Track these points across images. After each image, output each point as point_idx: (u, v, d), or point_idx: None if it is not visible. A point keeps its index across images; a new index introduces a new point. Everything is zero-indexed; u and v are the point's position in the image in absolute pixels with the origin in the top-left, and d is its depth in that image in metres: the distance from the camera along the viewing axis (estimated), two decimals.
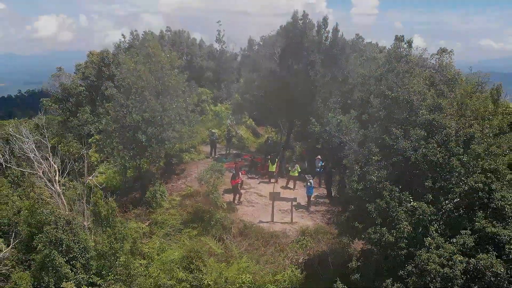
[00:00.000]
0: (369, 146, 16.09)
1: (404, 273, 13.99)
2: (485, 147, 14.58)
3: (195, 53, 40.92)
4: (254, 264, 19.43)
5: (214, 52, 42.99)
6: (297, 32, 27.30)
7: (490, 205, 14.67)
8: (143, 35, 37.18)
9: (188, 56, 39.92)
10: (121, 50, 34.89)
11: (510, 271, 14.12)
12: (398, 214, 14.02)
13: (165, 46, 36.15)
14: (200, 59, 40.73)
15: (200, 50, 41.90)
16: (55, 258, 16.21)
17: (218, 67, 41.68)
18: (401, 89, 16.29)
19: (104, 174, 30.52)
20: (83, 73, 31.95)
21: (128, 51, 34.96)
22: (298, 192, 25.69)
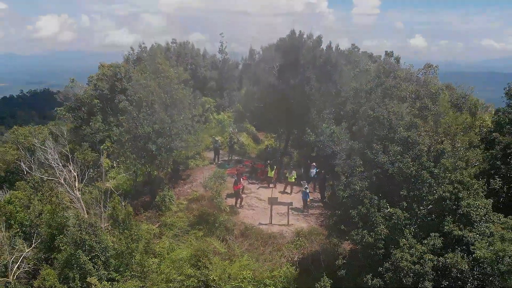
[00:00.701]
0: (354, 158, 18.42)
1: (382, 269, 16.29)
2: (453, 161, 16.90)
3: (199, 64, 43.31)
4: (254, 262, 21.71)
5: (217, 62, 45.47)
6: (294, 50, 29.67)
7: (457, 211, 17.00)
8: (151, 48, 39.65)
9: (192, 66, 42.33)
10: (130, 62, 37.41)
11: (475, 268, 16.50)
12: (376, 219, 16.34)
13: (171, 57, 38.61)
14: (204, 69, 43.16)
15: (203, 60, 44.34)
16: (80, 257, 18.53)
17: (221, 76, 44.10)
18: (382, 109, 18.61)
19: (115, 179, 32.91)
20: (95, 84, 34.34)
21: (137, 64, 37.50)
22: (294, 197, 28.01)
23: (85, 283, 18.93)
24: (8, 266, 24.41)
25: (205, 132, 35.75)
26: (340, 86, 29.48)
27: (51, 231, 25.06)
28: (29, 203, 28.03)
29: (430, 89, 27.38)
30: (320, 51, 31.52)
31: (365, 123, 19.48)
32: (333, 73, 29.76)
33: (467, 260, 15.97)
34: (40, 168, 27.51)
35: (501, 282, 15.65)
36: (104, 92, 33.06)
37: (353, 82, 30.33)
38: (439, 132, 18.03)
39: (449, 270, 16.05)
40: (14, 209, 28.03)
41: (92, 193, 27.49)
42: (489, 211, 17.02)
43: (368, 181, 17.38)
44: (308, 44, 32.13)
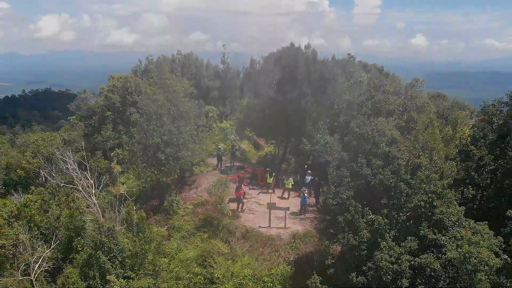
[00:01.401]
0: (342, 170, 20.83)
1: (365, 268, 18.65)
2: (428, 174, 19.29)
3: (203, 74, 45.71)
4: (254, 261, 24.05)
5: (219, 72, 47.85)
6: (291, 66, 32.02)
7: (432, 218, 19.39)
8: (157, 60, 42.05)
9: (196, 76, 44.66)
10: (138, 74, 39.83)
11: (448, 268, 18.88)
12: (360, 224, 18.71)
13: (176, 68, 41.04)
14: (207, 79, 45.60)
15: (207, 70, 46.74)
16: (100, 257, 20.96)
17: (223, 85, 46.51)
18: (367, 127, 21.00)
19: (125, 184, 35.32)
20: (106, 95, 36.78)
21: (145, 75, 39.97)
22: (291, 201, 30.39)
23: (104, 281, 21.39)
24: (30, 265, 26.92)
25: (208, 139, 38.26)
26: (333, 99, 31.85)
27: (69, 233, 27.55)
28: (47, 207, 30.55)
29: (416, 103, 29.88)
30: (316, 65, 33.85)
31: (352, 138, 21.88)
32: (328, 86, 32.06)
33: (440, 260, 18.40)
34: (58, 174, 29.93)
35: (468, 280, 18.05)
36: (116, 105, 35.51)
37: (346, 94, 32.74)
38: (417, 148, 20.38)
39: (423, 269, 18.40)
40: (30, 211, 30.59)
41: (106, 198, 30.00)
42: (460, 217, 19.38)
43: (353, 190, 19.78)
44: (306, 55, 34.50)
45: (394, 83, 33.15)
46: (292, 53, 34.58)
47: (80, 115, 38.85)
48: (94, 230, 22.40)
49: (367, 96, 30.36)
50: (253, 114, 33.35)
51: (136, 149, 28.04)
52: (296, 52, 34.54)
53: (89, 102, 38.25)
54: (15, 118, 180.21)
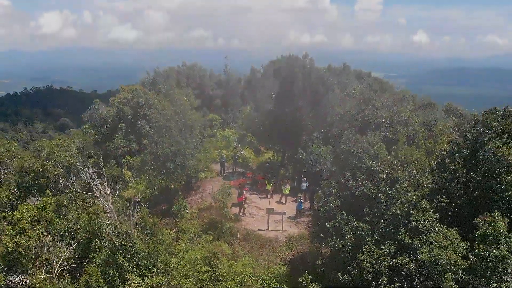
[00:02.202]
0: (331, 181, 23.84)
1: (350, 268, 21.66)
2: (405, 186, 22.27)
3: (206, 84, 48.70)
4: (254, 261, 26.91)
5: (222, 81, 50.80)
6: (288, 81, 34.97)
7: (409, 224, 22.38)
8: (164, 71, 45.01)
9: (200, 86, 47.61)
10: (147, 85, 42.80)
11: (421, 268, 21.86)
12: (345, 230, 21.68)
13: (181, 79, 44.02)
14: (210, 88, 48.61)
15: (210, 79, 49.76)
16: (119, 258, 24.00)
17: (225, 94, 49.48)
18: (352, 144, 23.97)
19: (135, 189, 38.29)
20: (117, 106, 39.71)
21: (153, 87, 42.95)
22: (288, 206, 33.34)
23: (122, 279, 24.41)
24: (52, 264, 29.97)
25: (212, 146, 41.28)
26: (327, 112, 34.73)
27: (87, 235, 30.55)
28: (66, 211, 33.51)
29: (402, 116, 32.81)
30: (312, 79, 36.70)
31: (340, 153, 24.87)
32: (322, 100, 34.95)
33: (414, 261, 21.40)
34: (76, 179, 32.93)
35: (438, 279, 21.04)
36: (129, 118, 38.44)
37: (339, 107, 35.67)
38: (397, 163, 23.31)
39: (400, 269, 21.34)
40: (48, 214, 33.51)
41: (118, 202, 32.97)
42: (434, 224, 22.31)
43: (340, 200, 22.77)
44: (304, 63, 37.43)
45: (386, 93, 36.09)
46: (290, 63, 37.55)
47: (92, 124, 41.87)
48: (113, 234, 25.41)
49: (357, 110, 33.30)
50: (254, 125, 36.28)
51: (147, 159, 31.06)
52: (294, 64, 37.49)
53: (100, 112, 41.26)
54: (17, 116, 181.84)
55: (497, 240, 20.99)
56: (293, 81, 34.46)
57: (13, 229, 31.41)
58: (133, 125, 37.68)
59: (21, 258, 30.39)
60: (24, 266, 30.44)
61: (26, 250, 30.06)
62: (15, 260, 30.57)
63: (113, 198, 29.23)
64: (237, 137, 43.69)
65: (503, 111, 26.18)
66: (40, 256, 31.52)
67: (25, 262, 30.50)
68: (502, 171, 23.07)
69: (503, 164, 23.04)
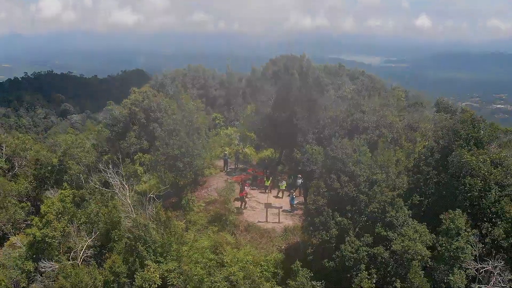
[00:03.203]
0: (319, 182, 27.97)
1: (334, 256, 25.91)
2: (381, 188, 26.42)
3: (210, 85, 52.57)
4: (254, 249, 31.02)
5: (225, 81, 54.65)
6: (285, 85, 38.92)
7: (385, 220, 26.57)
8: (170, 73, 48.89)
9: (204, 86, 51.50)
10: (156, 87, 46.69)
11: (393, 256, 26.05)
12: (330, 224, 25.83)
13: (187, 81, 47.90)
14: (213, 88, 52.49)
15: (213, 79, 53.56)
16: (138, 247, 28.26)
17: (228, 93, 53.34)
18: (338, 150, 28.04)
19: (146, 183, 42.49)
20: (130, 108, 43.67)
21: (161, 89, 46.84)
22: (285, 200, 37.28)
23: (141, 265, 28.68)
24: (76, 252, 34.25)
25: (216, 143, 45.39)
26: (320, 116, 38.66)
27: (107, 227, 34.76)
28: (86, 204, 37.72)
29: (386, 121, 36.76)
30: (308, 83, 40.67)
31: (328, 157, 28.97)
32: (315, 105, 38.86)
33: (388, 251, 25.64)
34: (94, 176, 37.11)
35: (407, 266, 25.29)
36: (142, 121, 42.47)
37: (331, 111, 39.55)
38: (376, 167, 27.41)
39: (376, 257, 25.54)
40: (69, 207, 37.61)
41: (134, 197, 37.18)
42: (407, 219, 26.49)
43: (327, 199, 26.94)
44: (301, 64, 41.39)
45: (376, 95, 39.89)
46: (288, 64, 41.58)
47: (105, 123, 45.87)
48: (132, 226, 29.67)
49: (347, 114, 37.23)
50: (254, 127, 40.28)
51: (159, 159, 35.19)
52: (292, 65, 41.45)
53: (114, 112, 45.22)
54: (19, 101, 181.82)
55: (458, 233, 25.22)
56: (290, 88, 38.32)
57: (40, 220, 35.72)
58: (146, 127, 41.74)
59: (48, 246, 34.62)
60: (50, 254, 34.53)
61: (52, 239, 34.38)
62: (42, 248, 34.73)
63: (130, 194, 33.43)
64: (239, 135, 47.74)
65: (471, 120, 30.19)
66: (64, 244, 35.85)
67: (51, 250, 34.67)
68: (466, 175, 27.11)
69: (467, 168, 27.14)
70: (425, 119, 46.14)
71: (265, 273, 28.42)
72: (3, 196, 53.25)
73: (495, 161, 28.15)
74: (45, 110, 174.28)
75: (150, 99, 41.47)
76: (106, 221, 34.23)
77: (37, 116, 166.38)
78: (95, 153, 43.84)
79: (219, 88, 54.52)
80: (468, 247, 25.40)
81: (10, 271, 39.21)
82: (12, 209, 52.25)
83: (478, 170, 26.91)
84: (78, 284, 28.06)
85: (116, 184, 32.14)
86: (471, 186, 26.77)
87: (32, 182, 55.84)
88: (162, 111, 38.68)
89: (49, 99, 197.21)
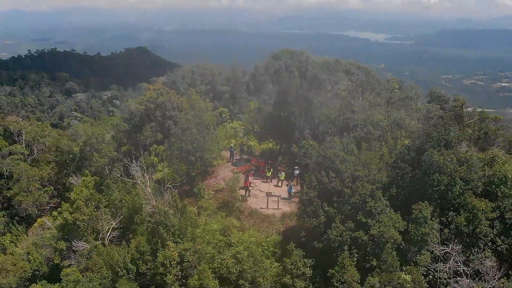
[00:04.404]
0: (311, 177, 33.49)
1: (323, 239, 31.53)
2: (362, 182, 31.94)
3: (217, 81, 57.65)
4: (256, 232, 36.67)
5: (230, 77, 59.62)
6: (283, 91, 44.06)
7: (365, 209, 32.18)
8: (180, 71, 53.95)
9: (211, 82, 56.57)
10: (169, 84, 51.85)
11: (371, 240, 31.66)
12: (319, 212, 31.40)
13: (196, 78, 52.99)
14: (220, 84, 57.60)
15: (220, 76, 58.50)
16: (160, 230, 34.04)
17: (233, 88, 58.41)
18: (328, 150, 33.45)
19: (161, 172, 48.09)
20: (145, 105, 49.00)
21: (173, 86, 52.04)
22: (283, 189, 42.49)
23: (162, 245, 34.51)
24: (103, 234, 40.00)
25: (222, 135, 50.88)
26: (315, 114, 43.97)
27: (130, 212, 40.49)
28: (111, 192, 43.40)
29: (373, 119, 42.05)
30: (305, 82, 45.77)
31: (318, 156, 34.45)
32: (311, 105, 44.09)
33: (367, 235, 31.28)
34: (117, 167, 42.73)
35: (382, 248, 30.97)
36: (158, 118, 47.89)
37: (325, 109, 44.81)
38: (359, 164, 32.87)
39: (357, 240, 31.11)
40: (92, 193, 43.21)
41: (152, 185, 42.86)
42: (384, 209, 32.05)
43: (317, 191, 32.54)
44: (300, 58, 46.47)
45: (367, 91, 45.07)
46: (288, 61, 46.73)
47: (123, 117, 51.26)
48: (153, 212, 35.40)
49: (339, 113, 42.54)
50: (257, 123, 45.66)
51: (174, 153, 40.77)
52: (292, 61, 46.50)
53: (131, 108, 50.58)
54: (24, 80, 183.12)
55: (425, 221, 30.74)
56: (289, 90, 43.51)
57: (71, 206, 41.46)
58: (162, 124, 47.21)
59: (77, 228, 40.34)
60: (79, 235, 39.97)
61: (82, 222, 40.07)
62: (72, 230, 40.31)
63: (150, 184, 39.11)
64: (243, 128, 53.13)
65: (444, 124, 35.48)
66: (91, 227, 41.43)
67: (80, 232, 40.37)
68: (435, 172, 32.56)
69: (436, 166, 32.54)
70: (415, 112, 51.36)
71: (265, 252, 33.73)
72: (27, 181, 59.17)
73: (461, 159, 33.43)
74: (50, 89, 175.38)
75: (164, 97, 46.69)
76: (129, 207, 39.88)
77: (42, 95, 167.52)
78: (114, 144, 49.28)
79: (225, 83, 59.58)
80: (433, 233, 31.05)
81: (44, 249, 45.41)
82: (37, 193, 58.29)
83: (445, 168, 32.22)
84: (110, 261, 33.68)
85: (137, 174, 37.67)
86: (439, 181, 31.98)
87: (54, 168, 61.55)
88: (176, 109, 43.99)
89: (53, 77, 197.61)
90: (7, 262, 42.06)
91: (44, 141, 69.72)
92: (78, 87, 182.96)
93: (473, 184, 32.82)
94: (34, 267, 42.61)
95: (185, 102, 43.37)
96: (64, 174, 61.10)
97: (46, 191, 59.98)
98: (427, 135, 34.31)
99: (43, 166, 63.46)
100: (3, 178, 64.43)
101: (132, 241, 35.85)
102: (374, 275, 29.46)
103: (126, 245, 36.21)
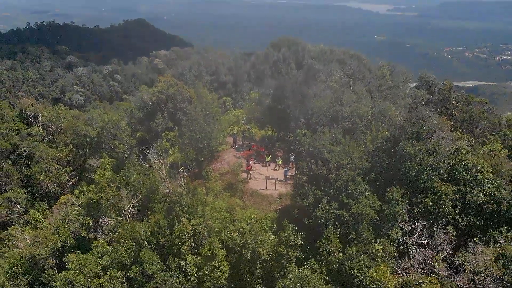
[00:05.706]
0: (302, 165, 40.27)
1: (311, 216, 38.25)
2: (346, 170, 38.69)
3: (221, 71, 63.64)
4: (256, 210, 43.55)
5: (232, 67, 65.50)
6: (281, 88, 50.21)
7: (347, 192, 38.76)
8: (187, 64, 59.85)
9: (216, 72, 62.45)
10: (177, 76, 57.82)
11: (352, 217, 38.55)
12: (309, 194, 37.93)
13: (202, 70, 58.92)
14: (223, 74, 63.58)
15: (223, 66, 64.41)
16: (176, 208, 40.93)
17: (235, 78, 64.39)
18: (318, 142, 40.04)
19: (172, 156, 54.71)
20: (157, 96, 55.14)
21: (182, 78, 58.09)
22: (280, 172, 48.87)
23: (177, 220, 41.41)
24: (125, 210, 46.84)
25: (226, 122, 57.35)
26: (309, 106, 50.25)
27: (147, 192, 47.21)
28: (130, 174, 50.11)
29: (359, 112, 48.42)
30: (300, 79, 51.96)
31: (309, 146, 41.08)
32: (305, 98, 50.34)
33: (348, 213, 38.12)
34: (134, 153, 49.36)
35: (360, 223, 37.82)
36: (170, 110, 54.21)
37: (317, 101, 51.08)
38: (343, 153, 39.52)
39: (340, 217, 37.65)
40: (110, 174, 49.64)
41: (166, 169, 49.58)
42: (363, 191, 38.58)
43: (308, 177, 39.31)
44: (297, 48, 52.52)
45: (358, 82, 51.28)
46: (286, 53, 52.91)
47: (137, 105, 57.56)
48: (168, 192, 42.22)
49: (329, 105, 48.88)
50: (257, 114, 52.09)
51: (185, 141, 47.34)
52: (290, 54, 52.65)
53: (144, 97, 56.82)
54: (24, 53, 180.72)
55: (396, 202, 37.41)
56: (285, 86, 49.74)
57: (95, 186, 48.22)
58: (173, 115, 53.63)
59: (101, 206, 47.21)
60: (103, 212, 46.98)
61: (106, 201, 46.86)
62: (97, 208, 47.14)
63: (165, 167, 45.87)
64: (245, 116, 59.47)
65: (417, 119, 41.94)
66: (113, 205, 48.15)
67: (104, 209, 47.15)
68: (407, 160, 39.09)
69: (407, 156, 39.11)
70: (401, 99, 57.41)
71: (264, 227, 39.91)
72: (47, 161, 65.88)
73: (430, 149, 39.90)
74: (51, 63, 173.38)
75: (174, 88, 52.73)
76: (147, 188, 46.59)
77: (43, 69, 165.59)
78: (129, 130, 55.62)
79: (228, 73, 65.49)
80: (403, 212, 37.84)
81: (71, 224, 52.32)
82: (57, 172, 65.12)
83: (415, 157, 38.77)
84: (133, 234, 40.59)
85: (153, 158, 44.37)
86: (410, 169, 38.23)
87: (72, 150, 68.16)
88: (186, 101, 50.30)
89: (54, 51, 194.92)
90: (40, 235, 48.01)
91: (60, 124, 76.21)
92: (78, 61, 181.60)
93: (439, 171, 38.91)
94: (63, 239, 48.68)
95: (193, 93, 49.59)
96: (80, 155, 67.19)
97: (66, 171, 66.69)
98: (402, 128, 40.64)
99: (61, 148, 70.10)
100: (22, 158, 71.08)
101: (151, 217, 42.20)
102: (353, 246, 36.04)
103: (147, 221, 42.83)
